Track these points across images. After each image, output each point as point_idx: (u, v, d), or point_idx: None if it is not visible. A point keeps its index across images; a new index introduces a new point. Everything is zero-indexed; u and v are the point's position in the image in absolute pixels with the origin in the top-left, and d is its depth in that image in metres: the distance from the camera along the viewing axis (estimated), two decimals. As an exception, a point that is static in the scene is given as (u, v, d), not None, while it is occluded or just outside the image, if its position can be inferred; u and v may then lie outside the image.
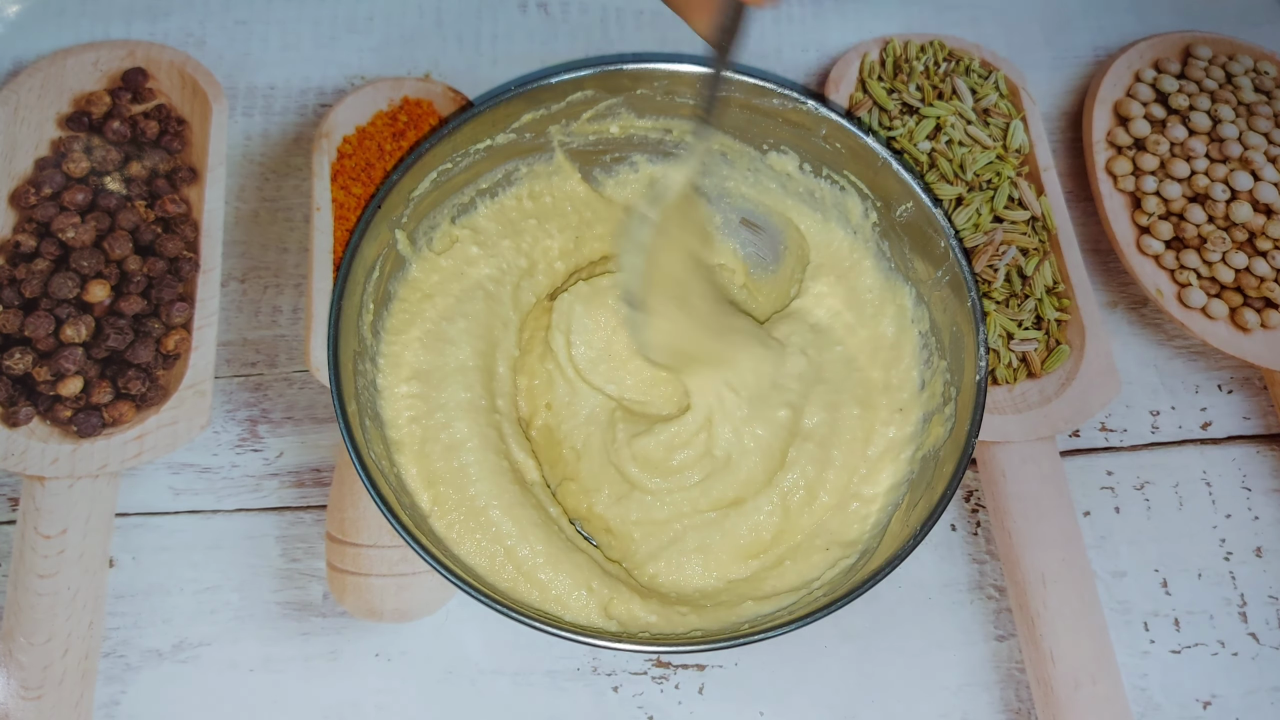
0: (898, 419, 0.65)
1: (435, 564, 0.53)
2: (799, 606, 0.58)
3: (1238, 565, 0.69)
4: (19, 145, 0.74)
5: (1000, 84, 0.81)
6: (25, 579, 0.63)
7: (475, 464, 0.61)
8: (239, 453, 0.68)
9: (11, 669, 0.61)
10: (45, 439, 0.66)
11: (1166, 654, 0.66)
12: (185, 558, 0.65)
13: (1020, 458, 0.70)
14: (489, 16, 0.84)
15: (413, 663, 0.63)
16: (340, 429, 0.55)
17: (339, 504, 0.66)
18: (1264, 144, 0.77)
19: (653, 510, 0.63)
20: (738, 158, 0.68)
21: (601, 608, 0.58)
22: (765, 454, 0.63)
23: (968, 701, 0.64)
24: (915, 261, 0.64)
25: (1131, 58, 0.83)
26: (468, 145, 0.63)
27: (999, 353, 0.73)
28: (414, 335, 0.64)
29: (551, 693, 0.63)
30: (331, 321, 0.57)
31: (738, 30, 0.52)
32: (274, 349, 0.71)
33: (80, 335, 0.67)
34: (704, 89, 0.58)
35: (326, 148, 0.75)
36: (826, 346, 0.67)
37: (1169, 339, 0.76)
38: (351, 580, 0.64)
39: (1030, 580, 0.67)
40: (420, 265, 0.65)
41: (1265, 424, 0.74)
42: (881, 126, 0.79)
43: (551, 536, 0.60)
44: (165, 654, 0.63)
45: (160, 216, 0.73)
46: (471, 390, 0.63)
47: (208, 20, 0.82)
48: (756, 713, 0.64)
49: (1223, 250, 0.76)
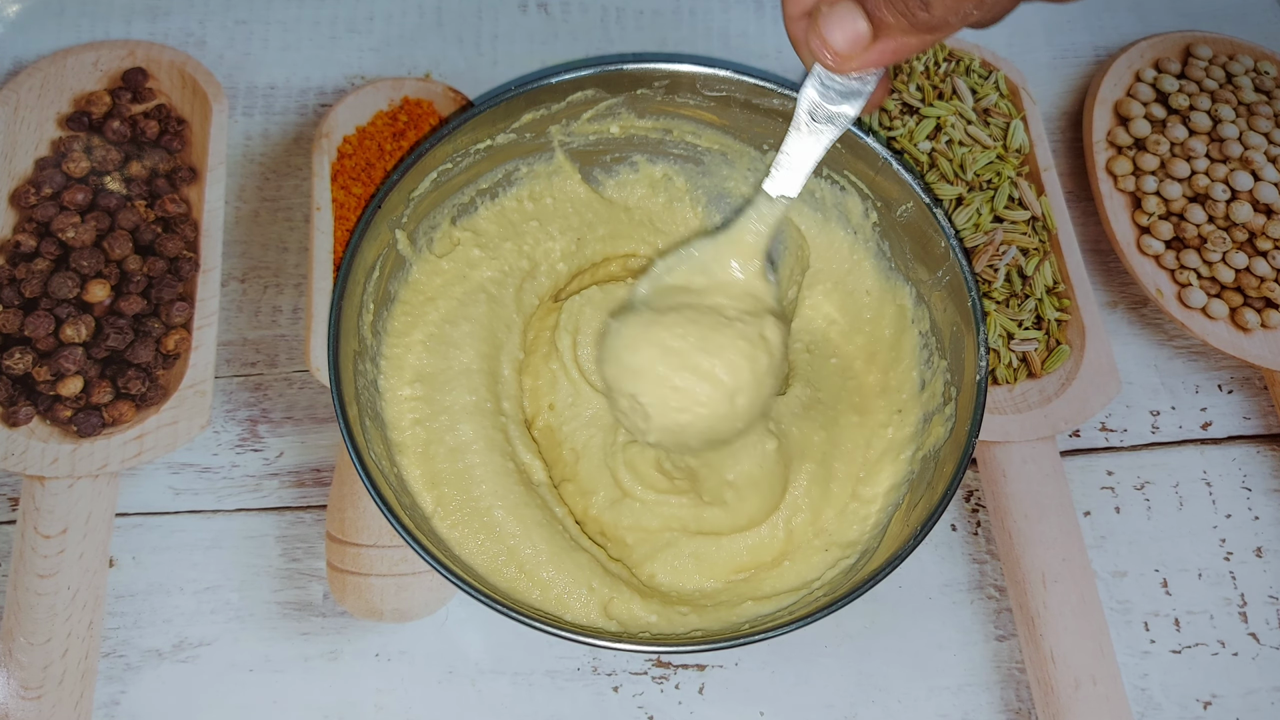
0: (897, 419, 0.65)
1: (435, 564, 0.53)
2: (799, 606, 0.58)
3: (1238, 565, 0.69)
4: (19, 145, 0.74)
5: (1000, 84, 0.81)
6: (25, 579, 0.63)
7: (480, 465, 0.61)
8: (239, 453, 0.68)
9: (11, 669, 0.61)
10: (45, 439, 0.66)
11: (1167, 654, 0.66)
12: (185, 558, 0.65)
13: (1020, 458, 0.70)
14: (489, 16, 0.84)
15: (413, 663, 0.63)
16: (340, 429, 0.55)
17: (339, 504, 0.66)
18: (1264, 144, 0.77)
19: (643, 518, 0.63)
20: (738, 158, 0.68)
21: (601, 607, 0.58)
22: (764, 495, 0.62)
23: (968, 701, 0.64)
24: (915, 262, 0.64)
25: (1132, 58, 0.83)
26: (468, 145, 0.63)
27: (999, 353, 0.73)
28: (417, 338, 0.64)
29: (551, 693, 0.63)
30: (331, 321, 0.57)
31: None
32: (274, 349, 0.71)
33: (80, 335, 0.67)
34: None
35: (326, 148, 0.76)
36: (822, 362, 0.67)
37: (1169, 339, 0.76)
38: (351, 580, 0.64)
39: (1030, 580, 0.67)
40: (422, 268, 0.65)
41: (1265, 424, 0.74)
42: (881, 126, 0.79)
43: (555, 536, 0.60)
44: (165, 654, 0.63)
45: (160, 216, 0.73)
46: (476, 393, 0.63)
47: (208, 20, 0.82)
48: (756, 713, 0.64)
49: (1223, 250, 0.76)
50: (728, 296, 0.55)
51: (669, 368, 0.53)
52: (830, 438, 0.64)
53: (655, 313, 0.54)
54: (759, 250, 0.55)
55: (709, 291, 0.55)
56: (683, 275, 0.56)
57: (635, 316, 0.55)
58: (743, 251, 0.55)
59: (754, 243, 0.55)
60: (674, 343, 0.53)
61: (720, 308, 0.55)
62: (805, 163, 0.52)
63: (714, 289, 0.55)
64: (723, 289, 0.55)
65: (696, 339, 0.53)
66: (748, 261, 0.55)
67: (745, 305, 0.55)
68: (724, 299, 0.55)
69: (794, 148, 0.52)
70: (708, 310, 0.54)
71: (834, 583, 0.59)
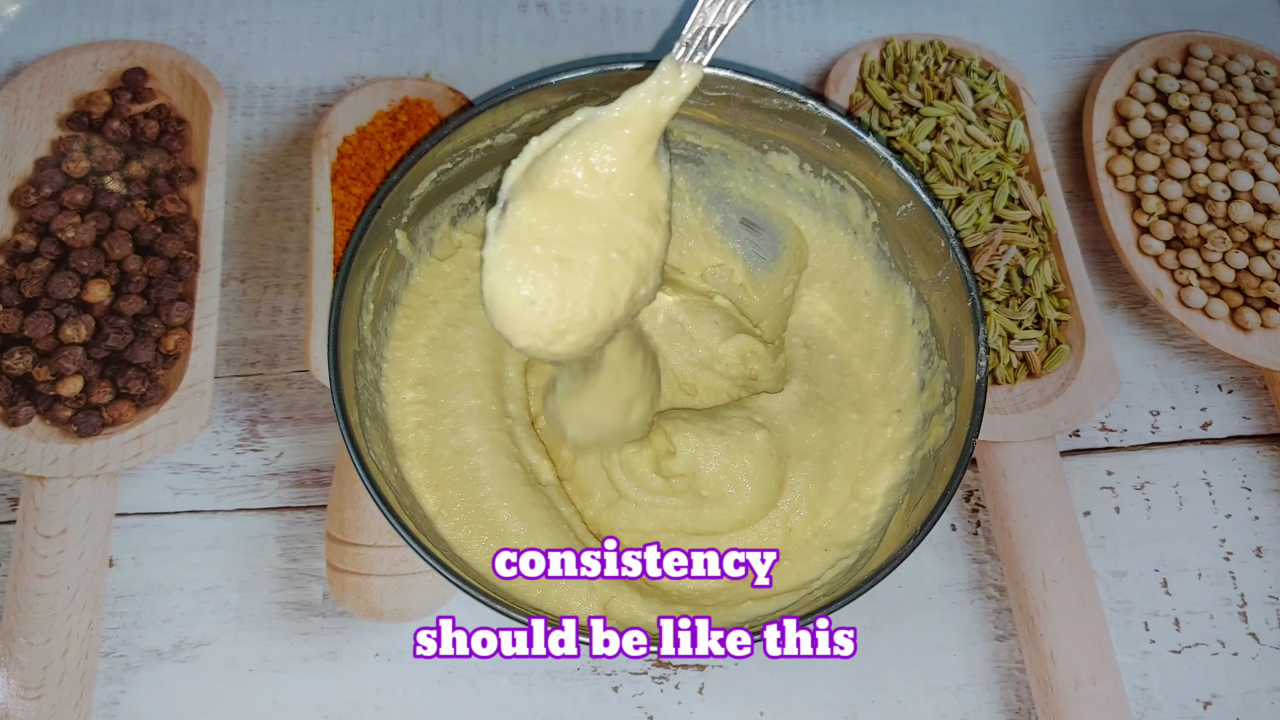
0: (896, 420, 0.65)
1: (435, 564, 0.53)
2: (799, 606, 0.58)
3: (1238, 565, 0.69)
4: (19, 145, 0.74)
5: (1000, 84, 0.81)
6: (25, 579, 0.63)
7: (485, 468, 0.61)
8: (239, 453, 0.68)
9: (11, 669, 0.61)
10: (45, 439, 0.66)
11: (1166, 654, 0.66)
12: (185, 558, 0.65)
13: (1020, 458, 0.70)
14: (489, 16, 0.84)
15: (413, 663, 0.63)
16: (340, 429, 0.55)
17: (339, 504, 0.66)
18: (1264, 144, 0.78)
19: (639, 520, 0.63)
20: (738, 158, 0.68)
21: (602, 606, 0.58)
22: (760, 487, 0.61)
23: (968, 701, 0.64)
24: (915, 261, 0.64)
25: (1132, 57, 0.83)
26: (468, 145, 0.63)
27: (999, 353, 0.73)
28: (419, 341, 0.64)
29: (551, 693, 0.63)
30: (331, 321, 0.57)
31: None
32: (274, 349, 0.71)
33: (80, 335, 0.67)
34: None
35: (326, 148, 0.76)
36: (820, 357, 0.66)
37: (1169, 339, 0.76)
38: (351, 580, 0.64)
39: (1030, 580, 0.67)
40: (423, 270, 0.65)
41: (1265, 424, 0.74)
42: (881, 126, 0.79)
43: (559, 536, 0.60)
44: (165, 654, 0.63)
45: (160, 216, 0.73)
46: (481, 396, 0.63)
47: (208, 20, 0.82)
48: (756, 713, 0.64)
49: (1223, 250, 0.76)
50: (610, 191, 0.49)
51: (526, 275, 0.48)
52: (828, 435, 0.64)
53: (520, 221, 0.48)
54: (655, 133, 0.49)
55: (590, 185, 0.48)
56: (562, 163, 0.48)
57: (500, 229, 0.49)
58: (637, 133, 0.48)
59: (650, 124, 0.48)
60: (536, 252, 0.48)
61: (598, 208, 0.48)
62: (722, 27, 0.49)
63: (597, 183, 0.48)
64: (606, 184, 0.49)
65: (559, 250, 0.48)
66: (640, 149, 0.48)
67: (631, 207, 0.49)
68: (606, 195, 0.49)
69: (711, 9, 0.49)
70: (583, 212, 0.48)
71: (834, 583, 0.59)
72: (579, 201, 0.48)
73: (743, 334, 0.68)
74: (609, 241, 0.49)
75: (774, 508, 0.63)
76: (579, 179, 0.48)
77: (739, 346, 0.67)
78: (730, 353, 0.67)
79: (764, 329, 0.70)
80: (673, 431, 0.61)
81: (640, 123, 0.48)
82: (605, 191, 0.48)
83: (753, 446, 0.61)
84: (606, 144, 0.48)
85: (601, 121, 0.48)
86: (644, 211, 0.50)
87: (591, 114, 0.49)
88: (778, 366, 0.67)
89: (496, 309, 0.48)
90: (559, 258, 0.48)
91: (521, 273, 0.48)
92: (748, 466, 0.61)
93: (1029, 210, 0.76)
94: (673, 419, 0.63)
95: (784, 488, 0.63)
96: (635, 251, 0.49)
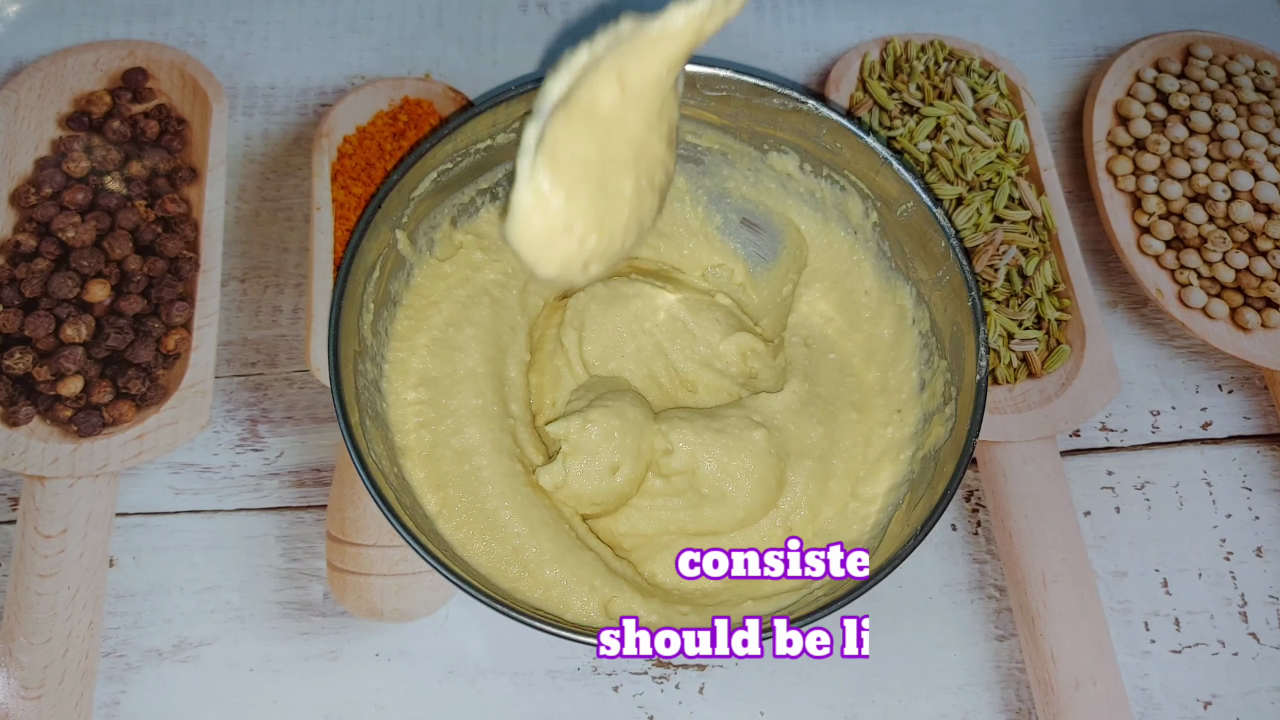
0: (896, 419, 0.65)
1: (435, 564, 0.53)
2: (799, 606, 0.58)
3: (1238, 565, 0.69)
4: (19, 145, 0.74)
5: (1000, 84, 0.81)
6: (25, 579, 0.63)
7: (487, 468, 0.61)
8: (239, 452, 0.68)
9: (11, 669, 0.61)
10: (45, 439, 0.66)
11: (1167, 654, 0.66)
12: (185, 557, 0.65)
13: (1021, 458, 0.70)
14: (489, 16, 0.84)
15: (413, 663, 0.63)
16: (341, 429, 0.55)
17: (339, 504, 0.66)
18: (1264, 144, 0.78)
19: (639, 523, 0.63)
20: (738, 158, 0.68)
21: (602, 606, 0.58)
22: (759, 485, 0.61)
23: (968, 701, 0.64)
24: (915, 261, 0.64)
25: (1132, 57, 0.83)
26: (468, 145, 0.63)
27: (999, 353, 0.73)
28: (421, 342, 0.64)
29: (551, 693, 0.63)
30: (332, 321, 0.57)
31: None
32: (274, 349, 0.71)
33: (80, 335, 0.67)
34: None
35: (327, 147, 0.76)
36: (820, 357, 0.66)
37: (1169, 339, 0.76)
38: (352, 580, 0.64)
39: (1031, 580, 0.67)
40: (424, 271, 0.65)
41: (1265, 424, 0.74)
42: (882, 126, 0.79)
43: (560, 535, 0.60)
44: (165, 654, 0.63)
45: (160, 216, 0.73)
46: (482, 397, 0.63)
47: (208, 20, 0.82)
48: (756, 713, 0.64)
49: (1223, 250, 0.76)
50: (638, 110, 0.47)
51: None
52: (828, 434, 0.64)
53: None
54: (690, 53, 0.46)
55: (621, 102, 0.46)
56: (599, 78, 0.46)
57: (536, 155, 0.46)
58: (675, 52, 0.46)
59: (690, 44, 0.46)
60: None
61: (628, 127, 0.47)
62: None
63: (628, 101, 0.46)
64: (635, 102, 0.46)
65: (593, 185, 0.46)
66: (673, 68, 0.46)
67: (655, 127, 0.48)
68: (634, 114, 0.47)
69: None
70: (613, 132, 0.47)
71: (834, 583, 0.59)
72: (609, 119, 0.46)
73: (744, 332, 0.68)
74: (638, 165, 0.48)
75: (774, 507, 0.63)
76: (615, 94, 0.46)
77: (740, 344, 0.67)
78: (731, 350, 0.67)
79: (763, 328, 0.70)
80: (670, 430, 0.62)
81: (682, 42, 0.46)
82: (634, 110, 0.47)
83: (751, 445, 0.61)
84: (644, 59, 0.46)
85: (644, 37, 0.45)
86: (665, 131, 0.49)
87: (636, 24, 0.46)
88: (778, 365, 0.67)
89: (530, 233, 0.46)
90: (598, 182, 0.46)
91: (561, 196, 0.46)
92: (746, 464, 0.61)
93: (1029, 210, 0.76)
94: (669, 418, 0.63)
95: (784, 487, 0.63)
96: (658, 177, 0.49)
